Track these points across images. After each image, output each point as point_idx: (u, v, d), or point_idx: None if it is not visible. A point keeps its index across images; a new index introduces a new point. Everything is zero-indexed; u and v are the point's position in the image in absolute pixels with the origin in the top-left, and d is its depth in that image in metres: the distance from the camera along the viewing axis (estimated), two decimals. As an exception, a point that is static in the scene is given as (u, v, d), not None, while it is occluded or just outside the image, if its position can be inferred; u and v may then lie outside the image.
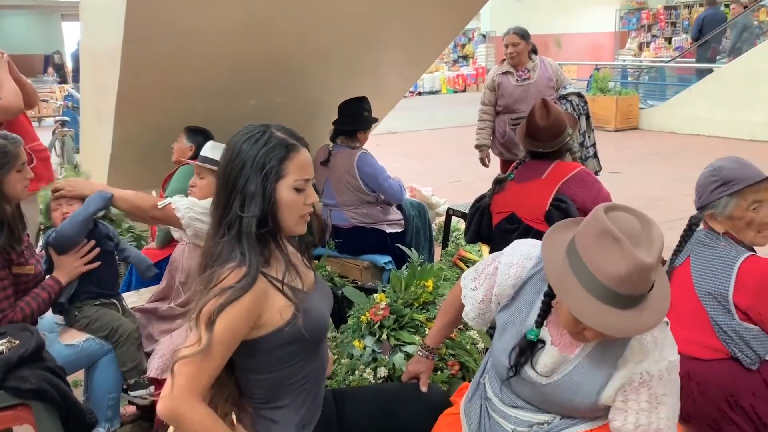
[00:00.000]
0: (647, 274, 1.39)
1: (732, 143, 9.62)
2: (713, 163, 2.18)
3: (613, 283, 1.38)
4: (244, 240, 1.48)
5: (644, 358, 1.51)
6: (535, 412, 1.69)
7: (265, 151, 1.50)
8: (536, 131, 2.99)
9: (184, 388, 1.42)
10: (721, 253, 2.09)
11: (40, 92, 13.46)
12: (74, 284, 2.51)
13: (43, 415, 2.01)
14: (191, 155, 3.53)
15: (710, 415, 2.07)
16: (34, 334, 2.10)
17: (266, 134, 1.53)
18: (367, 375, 2.36)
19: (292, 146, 1.53)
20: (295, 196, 1.53)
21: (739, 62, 10.41)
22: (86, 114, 5.50)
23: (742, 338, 2.02)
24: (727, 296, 2.02)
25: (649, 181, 7.35)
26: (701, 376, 2.07)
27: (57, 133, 8.00)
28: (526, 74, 4.70)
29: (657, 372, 1.50)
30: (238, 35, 3.30)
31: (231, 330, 1.44)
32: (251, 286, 1.45)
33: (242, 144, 1.52)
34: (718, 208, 2.10)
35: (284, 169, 1.51)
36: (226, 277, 1.46)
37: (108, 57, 3.61)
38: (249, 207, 1.48)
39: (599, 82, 11.69)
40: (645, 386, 1.51)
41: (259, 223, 1.49)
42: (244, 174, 1.49)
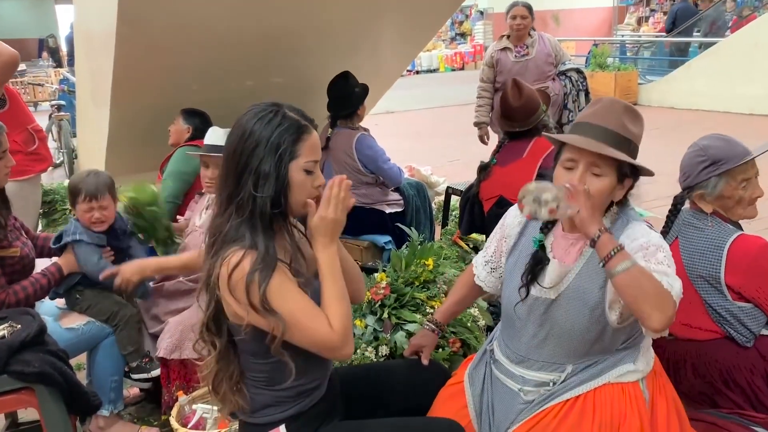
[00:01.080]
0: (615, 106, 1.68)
1: (731, 117, 9.58)
2: (697, 142, 2.14)
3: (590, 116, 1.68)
4: (258, 220, 1.49)
5: (639, 236, 1.62)
6: (542, 369, 1.73)
7: (279, 132, 1.50)
8: (510, 111, 3.11)
9: (325, 323, 1.48)
10: (709, 234, 2.06)
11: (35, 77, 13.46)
12: (77, 276, 2.52)
13: (47, 398, 2.02)
14: (188, 137, 3.52)
15: (706, 393, 2.09)
16: (36, 318, 2.11)
17: (279, 114, 1.52)
18: (369, 353, 2.37)
19: (304, 127, 1.54)
20: (305, 177, 1.53)
21: (738, 36, 10.34)
22: (82, 98, 5.46)
23: (736, 318, 2.03)
24: (719, 278, 2.01)
25: (648, 156, 7.24)
26: (696, 356, 2.09)
27: (53, 118, 7.95)
28: (524, 50, 4.66)
29: (645, 242, 1.60)
30: (234, 15, 3.27)
31: (281, 291, 1.46)
32: (276, 263, 1.47)
33: (254, 124, 1.51)
34: (708, 188, 2.07)
35: (297, 150, 1.51)
36: (239, 262, 1.45)
37: (102, 40, 3.57)
38: (263, 187, 1.48)
39: (598, 58, 11.61)
40: (644, 249, 1.59)
41: (273, 203, 1.49)
42: (257, 154, 1.49)
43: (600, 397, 1.67)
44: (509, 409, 1.75)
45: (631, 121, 1.67)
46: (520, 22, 4.59)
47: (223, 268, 1.47)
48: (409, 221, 3.86)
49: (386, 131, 8.29)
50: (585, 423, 1.64)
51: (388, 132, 8.46)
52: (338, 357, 1.57)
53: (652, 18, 18.13)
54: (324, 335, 1.47)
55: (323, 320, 1.48)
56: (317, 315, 1.48)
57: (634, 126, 1.68)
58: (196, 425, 2.31)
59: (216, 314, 1.55)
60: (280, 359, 1.50)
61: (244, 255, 1.46)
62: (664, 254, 1.59)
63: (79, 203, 2.49)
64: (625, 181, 1.68)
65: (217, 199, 1.59)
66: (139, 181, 2.84)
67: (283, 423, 1.61)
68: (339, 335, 1.47)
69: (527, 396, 1.73)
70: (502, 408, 1.78)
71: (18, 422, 2.64)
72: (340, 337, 1.48)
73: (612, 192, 1.66)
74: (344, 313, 1.51)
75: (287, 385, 1.56)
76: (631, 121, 1.68)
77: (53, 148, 7.52)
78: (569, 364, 1.71)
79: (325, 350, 1.51)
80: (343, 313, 1.50)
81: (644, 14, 18.53)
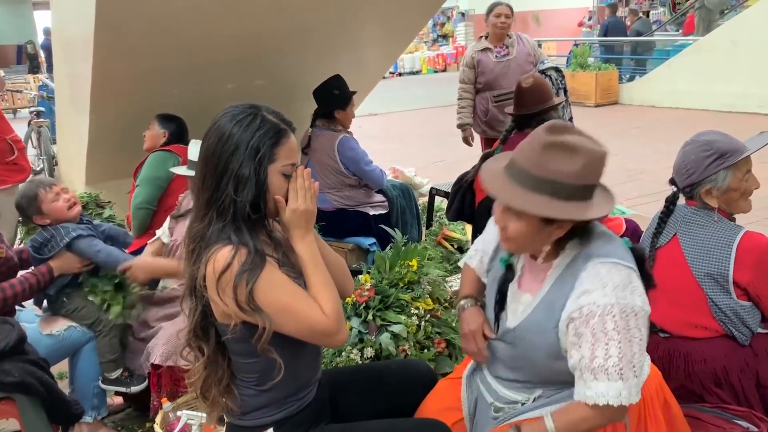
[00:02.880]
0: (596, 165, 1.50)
1: (711, 115, 9.69)
2: (696, 138, 2.13)
3: (565, 177, 1.47)
4: (241, 223, 1.49)
5: (592, 289, 1.48)
6: (512, 389, 1.70)
7: (259, 136, 1.48)
8: (520, 93, 3.20)
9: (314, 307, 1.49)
10: (715, 231, 2.07)
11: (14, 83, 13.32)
12: (67, 277, 2.50)
13: (28, 408, 2.00)
14: (164, 142, 3.49)
15: (693, 391, 2.09)
16: (15, 327, 2.08)
17: (258, 117, 1.50)
18: (354, 356, 2.37)
19: (283, 131, 1.52)
20: (283, 180, 1.52)
21: (716, 35, 10.47)
22: (61, 104, 5.41)
23: (738, 316, 2.04)
24: (727, 276, 2.02)
25: (629, 155, 7.39)
26: (691, 354, 2.09)
27: (33, 124, 7.85)
28: (504, 50, 4.67)
29: (604, 304, 1.46)
30: (212, 17, 3.25)
31: (272, 285, 1.47)
32: (264, 260, 1.47)
33: (233, 126, 1.49)
34: (717, 182, 2.06)
35: (276, 154, 1.50)
36: (229, 263, 1.44)
37: (80, 45, 3.55)
38: (243, 191, 1.47)
39: (579, 58, 11.69)
40: (592, 318, 1.47)
41: (252, 207, 1.49)
42: (236, 158, 1.47)
43: None
44: (485, 422, 1.75)
45: (555, 159, 1.47)
46: (504, 21, 4.59)
47: (210, 267, 1.45)
48: (394, 223, 3.86)
49: (370, 133, 8.30)
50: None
51: (371, 134, 8.46)
52: (333, 343, 1.57)
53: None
54: (318, 320, 1.48)
55: (316, 307, 1.49)
56: (310, 302, 1.49)
57: (561, 164, 1.46)
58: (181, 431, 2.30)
59: (202, 319, 1.54)
60: (269, 357, 1.50)
61: (234, 254, 1.44)
62: (615, 321, 1.45)
63: (45, 199, 2.44)
64: (558, 225, 1.52)
65: (195, 203, 1.57)
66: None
67: (271, 426, 1.60)
68: (333, 320, 1.49)
69: (498, 413, 1.71)
70: (481, 417, 1.78)
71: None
72: (334, 323, 1.49)
73: (540, 233, 1.53)
74: (334, 299, 1.52)
75: (278, 386, 1.55)
76: (556, 159, 1.47)
77: (33, 155, 7.44)
78: (538, 388, 1.67)
79: (320, 336, 1.52)
80: (332, 298, 1.51)
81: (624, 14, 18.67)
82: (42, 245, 2.45)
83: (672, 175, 2.20)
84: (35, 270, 2.39)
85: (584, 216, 1.50)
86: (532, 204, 1.47)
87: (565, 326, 1.54)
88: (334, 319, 1.49)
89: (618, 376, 1.45)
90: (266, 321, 1.44)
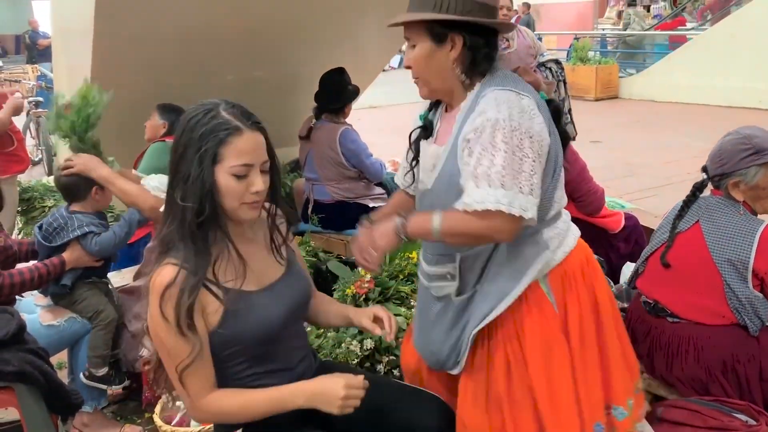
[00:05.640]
0: None
1: (711, 109, 9.69)
2: (739, 130, 2.14)
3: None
4: (186, 229, 1.41)
5: (487, 109, 1.49)
6: (438, 263, 1.71)
7: (203, 132, 1.39)
8: None
9: (198, 391, 1.43)
10: (739, 220, 2.08)
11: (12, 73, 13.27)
12: (78, 270, 2.49)
13: (27, 398, 2.00)
14: (164, 132, 3.48)
15: (699, 379, 2.10)
16: (15, 316, 2.07)
17: (210, 113, 1.41)
18: (354, 347, 2.37)
19: (233, 129, 1.40)
20: (234, 182, 1.41)
21: (716, 29, 10.47)
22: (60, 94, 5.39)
23: (753, 306, 2.05)
24: (747, 263, 2.03)
25: (629, 149, 7.39)
26: (702, 340, 2.09)
27: (31, 114, 7.83)
28: (505, 43, 4.65)
29: (496, 119, 1.46)
30: (212, 8, 3.24)
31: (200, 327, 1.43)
32: (197, 288, 1.40)
33: (185, 125, 1.42)
34: (747, 176, 2.08)
35: (220, 154, 1.39)
36: (159, 274, 1.40)
37: (79, 34, 3.53)
38: (187, 194, 1.39)
39: (579, 52, 11.68)
40: (484, 132, 1.48)
41: (198, 211, 1.40)
42: (184, 158, 1.40)
43: (503, 319, 1.63)
44: (432, 318, 1.76)
45: None
46: (506, 14, 4.57)
47: (155, 284, 1.41)
48: (395, 215, 3.85)
49: (369, 126, 8.28)
50: (498, 353, 1.64)
51: (371, 127, 8.45)
52: (207, 419, 1.51)
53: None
54: (183, 395, 1.44)
55: (193, 386, 1.42)
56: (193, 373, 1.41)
57: None
58: (180, 422, 2.30)
59: None
60: (227, 371, 1.48)
61: (174, 276, 1.39)
62: (505, 135, 1.45)
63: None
64: (450, 38, 1.55)
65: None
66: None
67: (240, 428, 1.55)
68: (200, 412, 1.45)
69: (435, 292, 1.73)
70: (425, 314, 1.80)
71: (-2, 423, 2.60)
72: (200, 414, 1.46)
73: (435, 56, 1.57)
74: (230, 415, 1.46)
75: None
76: None
77: (31, 145, 7.42)
78: (456, 252, 1.66)
79: (189, 406, 1.47)
80: (230, 414, 1.45)
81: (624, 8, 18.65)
82: (53, 231, 2.43)
83: (706, 162, 2.20)
84: (47, 261, 2.38)
85: (464, 14, 1.52)
86: (407, 17, 1.55)
87: (462, 151, 1.54)
88: (203, 413, 1.45)
89: (500, 183, 1.44)
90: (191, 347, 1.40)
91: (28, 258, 2.56)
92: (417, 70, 1.61)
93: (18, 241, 2.60)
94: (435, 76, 1.61)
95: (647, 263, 2.31)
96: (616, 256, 3.13)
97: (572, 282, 1.67)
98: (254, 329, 1.48)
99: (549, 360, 1.62)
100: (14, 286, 2.25)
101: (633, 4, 15.20)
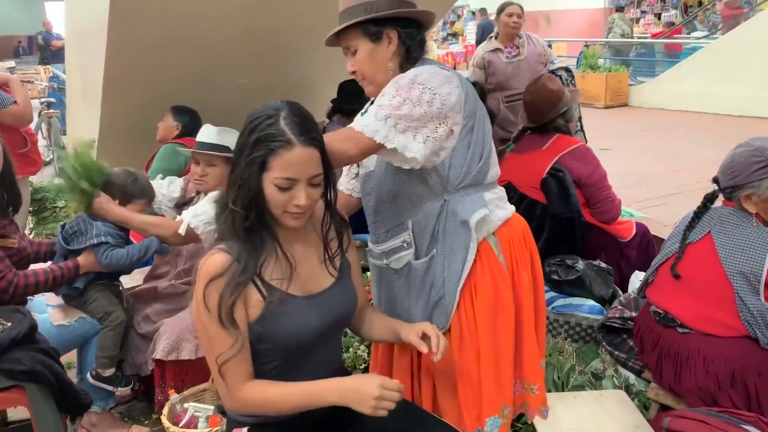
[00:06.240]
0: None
1: (721, 119, 9.65)
2: (751, 142, 2.14)
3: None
4: (236, 230, 1.46)
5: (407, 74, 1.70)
6: (392, 237, 1.85)
7: (258, 138, 1.41)
8: (524, 103, 3.22)
9: (235, 381, 1.46)
10: (752, 232, 2.08)
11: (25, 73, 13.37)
12: (92, 273, 2.51)
13: (38, 397, 2.01)
14: (177, 134, 3.51)
15: (708, 390, 2.09)
16: (27, 315, 2.09)
17: (270, 119, 1.43)
18: (361, 353, 2.38)
19: (285, 142, 1.41)
20: (277, 192, 1.43)
21: (728, 38, 10.41)
22: (72, 95, 5.43)
23: (764, 318, 2.04)
24: (760, 276, 2.02)
25: (639, 158, 7.36)
26: (712, 351, 2.09)
27: (43, 115, 7.89)
28: (515, 50, 4.66)
29: (409, 74, 1.68)
30: (226, 12, 3.26)
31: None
32: (242, 286, 1.43)
33: (248, 123, 1.45)
34: (760, 189, 2.07)
35: (268, 162, 1.42)
36: (210, 258, 1.44)
37: (93, 36, 3.56)
38: (237, 198, 1.44)
39: (589, 59, 11.66)
40: (393, 84, 1.68)
41: (245, 216, 1.45)
42: (239, 159, 1.44)
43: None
44: (391, 291, 1.87)
45: None
46: (517, 21, 4.58)
47: (203, 269, 1.44)
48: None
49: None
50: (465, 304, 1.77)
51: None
52: (242, 410, 1.52)
53: (643, 20, 18.23)
54: (222, 390, 1.48)
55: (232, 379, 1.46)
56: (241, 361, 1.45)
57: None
58: (188, 424, 2.31)
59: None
60: (260, 367, 1.50)
61: (223, 268, 1.42)
62: (406, 83, 1.64)
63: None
64: (386, 35, 1.73)
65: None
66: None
67: (246, 426, 1.56)
68: (234, 402, 1.48)
69: (395, 265, 1.84)
70: (388, 292, 1.90)
71: (7, 421, 2.62)
72: (234, 404, 1.49)
73: (377, 54, 1.74)
74: (264, 405, 1.48)
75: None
76: None
77: (42, 146, 7.47)
78: (407, 220, 1.80)
79: (225, 395, 1.50)
80: (264, 404, 1.48)
81: (635, 16, 18.62)
82: (73, 234, 2.45)
83: (717, 173, 2.20)
84: (63, 264, 2.40)
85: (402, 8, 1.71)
86: (345, 23, 1.71)
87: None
88: (240, 404, 1.48)
89: (374, 113, 1.62)
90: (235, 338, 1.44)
91: (46, 258, 2.58)
92: (363, 70, 1.77)
93: (38, 242, 2.62)
94: (380, 71, 1.76)
95: (657, 273, 2.31)
96: (626, 265, 3.14)
97: (516, 247, 1.85)
98: (286, 334, 1.50)
99: (495, 323, 1.77)
100: (28, 286, 2.26)
101: (620, 9, 15.11)
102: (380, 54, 1.74)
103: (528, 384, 1.88)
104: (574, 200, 2.98)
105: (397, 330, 1.67)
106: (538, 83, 3.16)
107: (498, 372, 1.77)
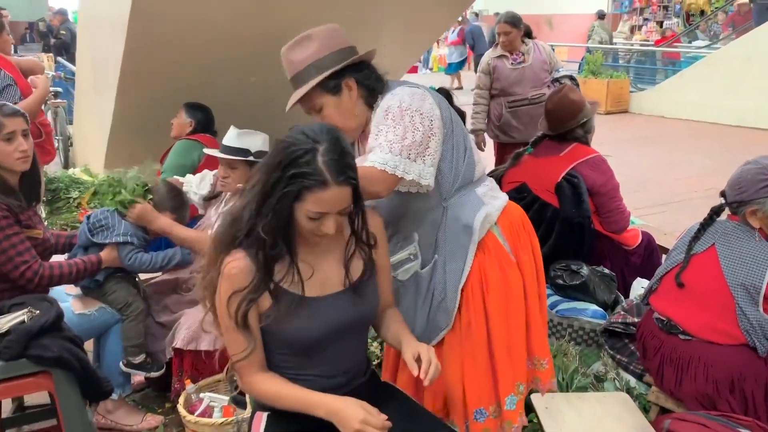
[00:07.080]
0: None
1: (721, 128, 9.74)
2: (759, 160, 2.21)
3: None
4: (259, 256, 1.51)
5: (385, 102, 1.78)
6: (401, 249, 1.94)
7: (294, 174, 1.44)
8: (545, 111, 3.29)
9: (248, 371, 1.58)
10: (755, 246, 2.16)
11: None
12: (111, 268, 2.58)
13: (63, 383, 2.07)
14: (190, 131, 3.57)
15: (708, 395, 2.18)
16: (53, 304, 2.16)
17: (307, 156, 1.45)
18: (374, 349, 2.45)
19: (321, 183, 1.44)
20: (306, 220, 1.49)
21: (730, 48, 10.50)
22: (82, 86, 5.47)
23: (762, 328, 2.13)
24: (760, 288, 2.11)
25: (638, 165, 7.44)
26: (712, 358, 2.17)
27: (50, 104, 7.90)
28: (520, 57, 4.72)
29: (389, 105, 1.75)
30: (241, 12, 3.32)
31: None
32: (263, 293, 1.52)
33: (284, 152, 1.47)
34: (764, 206, 2.15)
35: (303, 194, 1.46)
36: (234, 260, 1.52)
37: (111, 32, 3.61)
38: (267, 228, 1.48)
39: (591, 65, 11.72)
40: (383, 116, 1.75)
41: (273, 242, 1.49)
42: (272, 189, 1.46)
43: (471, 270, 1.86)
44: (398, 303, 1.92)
45: (295, 51, 1.80)
46: (504, 39, 4.66)
47: (227, 272, 1.52)
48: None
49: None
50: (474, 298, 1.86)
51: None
52: (254, 396, 1.65)
53: (645, 27, 18.32)
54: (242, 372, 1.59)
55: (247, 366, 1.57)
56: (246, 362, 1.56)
57: (299, 52, 1.79)
58: (203, 413, 2.38)
59: None
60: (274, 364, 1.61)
61: (245, 277, 1.51)
62: (395, 114, 1.72)
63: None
64: (345, 85, 1.79)
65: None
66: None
67: (268, 412, 1.64)
68: (247, 388, 1.61)
69: (402, 276, 1.93)
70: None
71: (24, 406, 2.68)
72: (247, 389, 1.62)
73: (342, 104, 1.80)
74: (267, 398, 1.59)
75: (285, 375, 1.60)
76: (296, 50, 1.80)
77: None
78: (413, 232, 1.91)
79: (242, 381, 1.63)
80: (267, 397, 1.59)
81: (637, 23, 18.73)
82: (99, 227, 2.51)
83: (725, 188, 2.29)
84: (86, 258, 2.47)
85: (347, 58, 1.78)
86: (305, 88, 1.77)
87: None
88: (250, 392, 1.62)
89: (388, 149, 1.70)
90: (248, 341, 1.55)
91: (64, 250, 2.64)
92: (335, 123, 1.77)
93: (57, 234, 2.68)
94: (349, 118, 1.83)
95: (662, 281, 2.39)
96: (629, 271, 3.21)
97: (517, 231, 1.95)
98: (291, 334, 1.56)
99: (507, 311, 1.87)
100: (53, 277, 2.33)
101: (602, 17, 15.27)
102: (345, 103, 1.81)
103: (538, 360, 1.99)
104: (586, 206, 3.06)
105: (401, 341, 1.71)
106: (561, 93, 3.24)
107: (510, 354, 1.88)
